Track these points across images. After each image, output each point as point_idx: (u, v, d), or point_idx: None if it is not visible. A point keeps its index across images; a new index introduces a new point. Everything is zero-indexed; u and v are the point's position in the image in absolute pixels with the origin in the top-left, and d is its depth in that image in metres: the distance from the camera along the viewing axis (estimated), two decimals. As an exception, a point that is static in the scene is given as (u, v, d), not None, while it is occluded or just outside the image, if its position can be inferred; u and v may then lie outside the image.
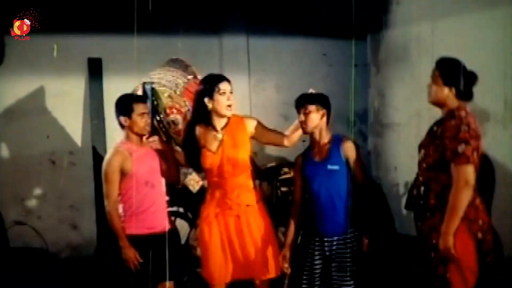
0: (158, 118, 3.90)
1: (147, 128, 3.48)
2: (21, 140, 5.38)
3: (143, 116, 3.44)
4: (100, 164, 3.52)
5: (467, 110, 2.91)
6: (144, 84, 3.91)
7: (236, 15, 5.72)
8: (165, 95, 3.92)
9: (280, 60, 6.00)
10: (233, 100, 3.35)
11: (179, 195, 4.58)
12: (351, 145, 3.36)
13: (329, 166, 3.31)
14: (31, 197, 5.43)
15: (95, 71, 5.45)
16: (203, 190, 3.99)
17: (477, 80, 2.97)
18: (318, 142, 3.38)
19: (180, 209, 4.76)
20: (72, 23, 5.25)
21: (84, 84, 5.48)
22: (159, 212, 3.49)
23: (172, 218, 4.56)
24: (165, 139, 3.81)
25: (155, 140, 3.57)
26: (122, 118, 3.44)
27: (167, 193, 4.10)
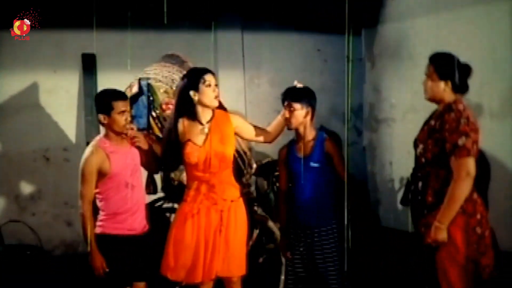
0: (154, 114, 3.88)
1: (128, 127, 3.29)
2: (15, 137, 5.35)
3: (123, 114, 3.25)
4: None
5: (464, 104, 2.92)
6: (140, 80, 3.89)
7: (231, 11, 5.70)
8: (161, 91, 3.91)
9: (275, 56, 6.00)
10: (218, 92, 3.31)
11: (175, 192, 4.55)
12: (333, 144, 3.45)
13: (312, 164, 3.39)
14: (25, 194, 5.41)
15: (89, 67, 5.43)
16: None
17: (472, 72, 2.97)
18: (303, 139, 3.44)
19: (175, 205, 4.72)
20: (66, 19, 5.23)
21: (78, 80, 5.46)
22: (139, 213, 3.38)
23: (167, 215, 4.56)
24: (160, 135, 3.77)
25: (137, 137, 3.35)
26: (101, 116, 3.27)
27: (164, 190, 4.07)
